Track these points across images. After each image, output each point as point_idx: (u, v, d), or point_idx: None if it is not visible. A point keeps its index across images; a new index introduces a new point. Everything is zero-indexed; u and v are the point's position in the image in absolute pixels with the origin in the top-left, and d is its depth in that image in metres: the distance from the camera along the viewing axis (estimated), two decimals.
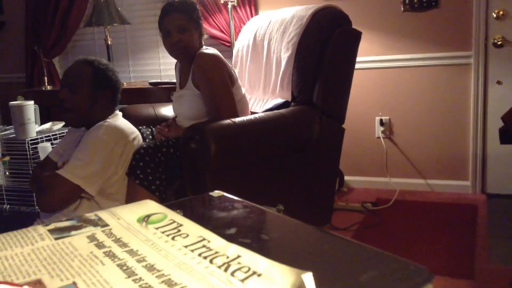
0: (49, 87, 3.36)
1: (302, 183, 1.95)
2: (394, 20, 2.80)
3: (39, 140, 2.40)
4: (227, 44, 3.05)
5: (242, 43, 2.50)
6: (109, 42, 3.11)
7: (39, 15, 3.51)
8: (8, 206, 2.43)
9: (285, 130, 1.86)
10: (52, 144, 2.43)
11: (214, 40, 3.07)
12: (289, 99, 2.07)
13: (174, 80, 2.46)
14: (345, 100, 2.06)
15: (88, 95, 1.77)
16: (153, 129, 2.14)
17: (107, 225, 0.41)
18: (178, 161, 1.81)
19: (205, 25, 2.89)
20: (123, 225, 0.41)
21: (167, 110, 2.46)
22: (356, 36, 2.06)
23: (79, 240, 0.38)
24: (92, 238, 0.38)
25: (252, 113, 2.12)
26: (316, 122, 1.96)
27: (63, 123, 2.69)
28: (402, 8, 2.77)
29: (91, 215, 0.43)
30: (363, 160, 2.99)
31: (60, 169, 1.69)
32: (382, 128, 2.89)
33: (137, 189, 1.78)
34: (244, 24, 2.87)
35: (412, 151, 2.88)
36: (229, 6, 2.85)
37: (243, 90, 2.09)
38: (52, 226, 0.41)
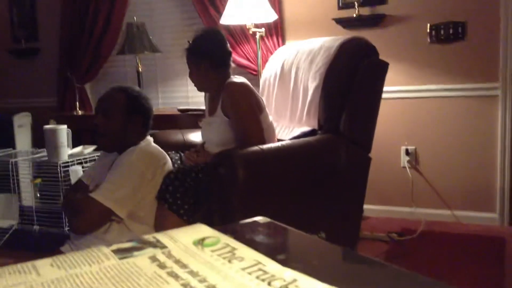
0: (80, 112, 3.47)
1: (328, 211, 1.96)
2: (420, 51, 2.83)
3: (70, 163, 2.47)
4: (254, 73, 3.12)
5: (269, 72, 2.55)
6: (140, 69, 3.21)
7: (73, 42, 3.65)
8: (38, 227, 2.49)
9: (312, 158, 1.88)
10: (83, 167, 2.49)
11: (242, 69, 3.14)
12: (316, 128, 2.10)
13: (202, 107, 2.53)
14: (371, 129, 2.08)
15: (121, 121, 1.83)
16: (182, 154, 2.19)
17: (165, 246, 0.44)
18: (207, 186, 1.85)
19: (233, 54, 2.97)
20: (180, 247, 0.44)
21: (195, 136, 2.51)
22: (383, 67, 2.09)
23: (141, 260, 0.41)
24: (153, 259, 0.41)
25: (279, 140, 2.15)
26: (342, 150, 1.98)
27: (93, 147, 2.77)
28: (429, 40, 2.80)
29: (149, 237, 0.46)
30: (388, 189, 2.97)
31: (92, 192, 1.74)
32: (408, 158, 2.89)
33: (166, 213, 1.82)
34: (271, 53, 2.94)
35: (438, 182, 2.86)
36: (257, 36, 2.92)
37: (270, 118, 2.13)
38: (114, 247, 0.44)
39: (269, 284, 0.36)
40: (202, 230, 0.48)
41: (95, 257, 0.42)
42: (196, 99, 3.38)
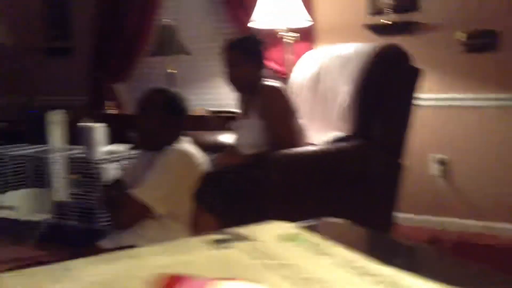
0: (111, 111, 3.55)
1: (359, 217, 1.98)
2: (453, 60, 2.82)
3: (105, 160, 2.54)
4: (283, 76, 3.15)
5: (300, 76, 2.58)
6: (172, 70, 3.27)
7: (104, 42, 3.73)
8: (72, 222, 2.56)
9: (344, 163, 1.91)
10: (116, 165, 2.56)
11: (270, 72, 3.17)
12: (348, 133, 2.12)
13: (232, 109, 2.58)
14: (404, 136, 2.10)
15: (160, 121, 1.89)
16: (213, 155, 2.24)
17: (255, 240, 0.48)
18: (242, 187, 1.89)
19: None
20: (270, 241, 0.47)
21: (225, 138, 2.56)
22: (417, 74, 2.11)
23: (239, 251, 0.44)
24: (248, 251, 0.44)
25: (310, 144, 2.18)
26: (375, 157, 2.00)
27: (127, 146, 2.83)
28: (462, 48, 2.79)
29: (237, 231, 0.49)
30: (418, 198, 2.96)
31: (132, 189, 1.80)
32: (439, 167, 2.88)
33: (202, 213, 1.86)
34: (299, 57, 2.97)
35: (470, 192, 2.84)
36: (287, 40, 2.95)
37: (302, 122, 2.16)
38: (209, 237, 0.48)
39: (372, 279, 0.39)
40: (282, 226, 0.52)
41: (195, 246, 0.46)
42: (223, 101, 3.43)
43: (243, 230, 0.48)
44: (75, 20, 4.03)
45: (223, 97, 3.48)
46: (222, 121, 3.02)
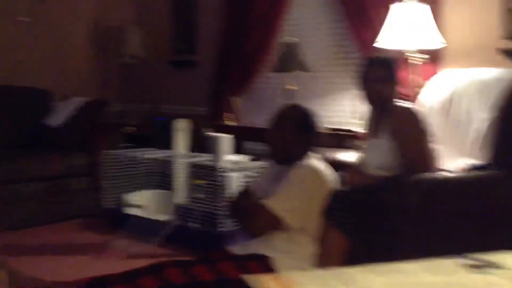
0: (229, 123, 3.71)
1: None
2: None
3: (229, 170, 2.66)
4: (406, 98, 3.08)
5: (429, 98, 2.52)
6: (291, 87, 3.36)
7: (227, 57, 3.93)
8: (196, 224, 2.70)
9: (487, 193, 1.81)
10: (241, 175, 2.67)
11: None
12: (486, 161, 2.02)
13: (349, 127, 2.56)
14: None
15: (293, 136, 1.95)
16: (341, 173, 2.25)
17: (509, 268, 0.49)
18: (371, 209, 1.88)
19: None
20: None
21: (346, 156, 2.57)
22: None
23: (500, 278, 0.46)
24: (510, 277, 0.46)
25: (443, 170, 2.11)
26: None
27: (249, 157, 2.95)
28: None
29: (485, 257, 0.51)
30: None
31: (262, 200, 1.86)
32: None
33: (329, 229, 1.88)
34: (426, 79, 2.89)
35: None
36: (414, 61, 2.89)
37: (434, 146, 2.10)
38: (461, 261, 0.50)
39: None
40: None
41: (453, 269, 0.48)
42: (340, 119, 3.44)
43: (489, 257, 0.49)
44: (201, 36, 4.29)
45: (340, 114, 3.49)
46: (340, 139, 3.03)
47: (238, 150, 3.16)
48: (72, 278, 1.85)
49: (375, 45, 2.96)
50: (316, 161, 1.97)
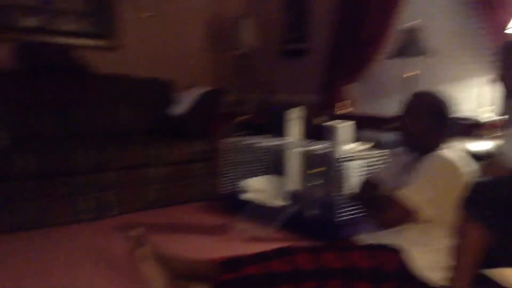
0: (345, 111, 3.68)
1: None
2: None
3: (347, 158, 2.63)
4: None
5: None
6: (409, 73, 3.23)
7: (340, 44, 3.87)
8: (313, 212, 2.72)
9: None
10: (360, 164, 2.64)
11: None
12: None
13: (478, 116, 2.38)
14: None
15: (428, 124, 1.87)
16: (479, 164, 2.12)
17: None
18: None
19: None
20: None
21: (476, 146, 2.42)
22: None
23: None
24: None
25: None
26: None
27: (368, 145, 2.90)
28: None
29: None
30: None
31: (394, 191, 1.82)
32: None
33: (468, 222, 1.79)
34: None
35: None
36: None
37: None
38: None
39: None
40: None
41: None
42: (465, 106, 3.23)
43: None
44: (312, 24, 4.28)
45: (466, 102, 3.28)
46: (467, 128, 2.86)
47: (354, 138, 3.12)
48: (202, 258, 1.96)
49: (507, 31, 2.74)
50: (450, 151, 1.88)
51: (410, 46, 3.18)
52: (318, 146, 3.02)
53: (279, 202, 3.01)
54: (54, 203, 2.82)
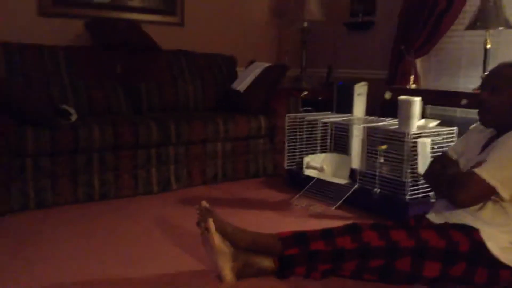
0: (413, 86, 3.51)
1: None
2: None
3: (420, 135, 2.52)
4: None
5: None
6: (489, 46, 3.01)
7: (412, 16, 3.68)
8: (379, 190, 2.64)
9: None
10: (430, 140, 2.52)
11: None
12: None
13: None
14: None
15: (510, 98, 1.73)
16: None
17: None
18: None
19: None
20: None
21: None
22: None
23: None
24: None
25: None
26: None
27: (436, 122, 2.76)
28: None
29: None
30: None
31: (474, 168, 1.71)
32: None
33: None
34: None
35: None
36: None
37: None
38: None
39: None
40: None
41: None
42: None
43: None
44: None
45: None
46: None
47: (422, 114, 2.98)
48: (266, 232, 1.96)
49: None
50: None
51: (490, 16, 2.96)
52: (385, 122, 2.91)
53: (342, 180, 2.95)
54: (119, 176, 2.92)
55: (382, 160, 2.67)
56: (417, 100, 2.52)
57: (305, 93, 4.14)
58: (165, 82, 3.67)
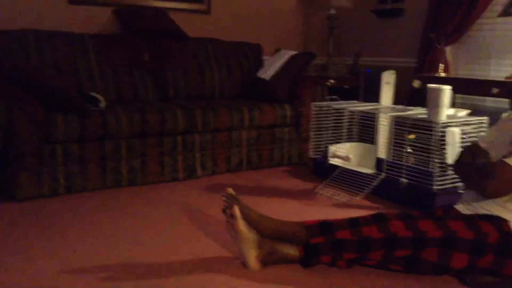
0: (442, 74, 3.43)
1: None
2: None
3: (449, 124, 2.47)
4: None
5: None
6: None
7: (443, 3, 3.58)
8: (406, 180, 2.61)
9: None
10: (459, 130, 2.46)
11: None
12: None
13: None
14: None
15: None
16: None
17: None
18: None
19: None
20: None
21: None
22: None
23: None
24: None
25: None
26: None
27: (467, 111, 2.70)
28: None
29: None
30: None
31: (495, 158, 1.67)
32: None
33: None
34: None
35: None
36: None
37: None
38: None
39: None
40: None
41: None
42: None
43: None
44: None
45: None
46: None
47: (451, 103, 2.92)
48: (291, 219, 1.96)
49: None
50: None
51: None
52: (414, 111, 2.86)
53: (368, 169, 2.92)
54: (146, 162, 2.96)
55: (409, 150, 2.63)
56: (447, 89, 2.46)
57: (332, 81, 4.09)
58: (192, 69, 3.68)
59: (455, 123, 2.49)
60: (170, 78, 3.59)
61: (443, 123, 2.45)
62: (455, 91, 3.04)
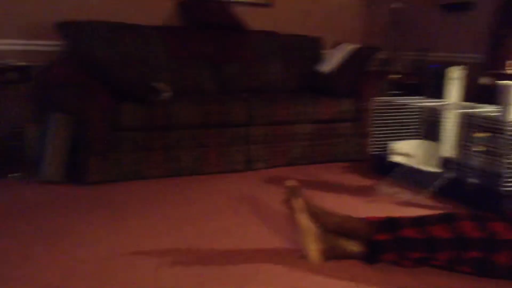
0: (510, 72, 3.26)
1: None
2: None
3: None
4: None
5: None
6: None
7: None
8: (475, 181, 2.50)
9: None
10: None
11: None
12: None
13: None
14: None
15: None
16: None
17: None
18: None
19: None
20: None
21: None
22: None
23: None
24: None
25: None
26: None
27: None
28: None
29: None
30: None
31: None
32: None
33: None
34: None
35: None
36: None
37: None
38: None
39: None
40: None
41: None
42: None
43: None
44: None
45: None
46: None
47: None
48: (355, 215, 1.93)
49: None
50: None
51: None
52: (483, 109, 2.73)
53: (431, 168, 2.83)
54: (206, 153, 3.01)
55: (478, 149, 2.52)
56: None
57: (398, 76, 3.98)
58: (251, 62, 3.71)
59: None
60: (230, 71, 3.63)
61: None
62: None
